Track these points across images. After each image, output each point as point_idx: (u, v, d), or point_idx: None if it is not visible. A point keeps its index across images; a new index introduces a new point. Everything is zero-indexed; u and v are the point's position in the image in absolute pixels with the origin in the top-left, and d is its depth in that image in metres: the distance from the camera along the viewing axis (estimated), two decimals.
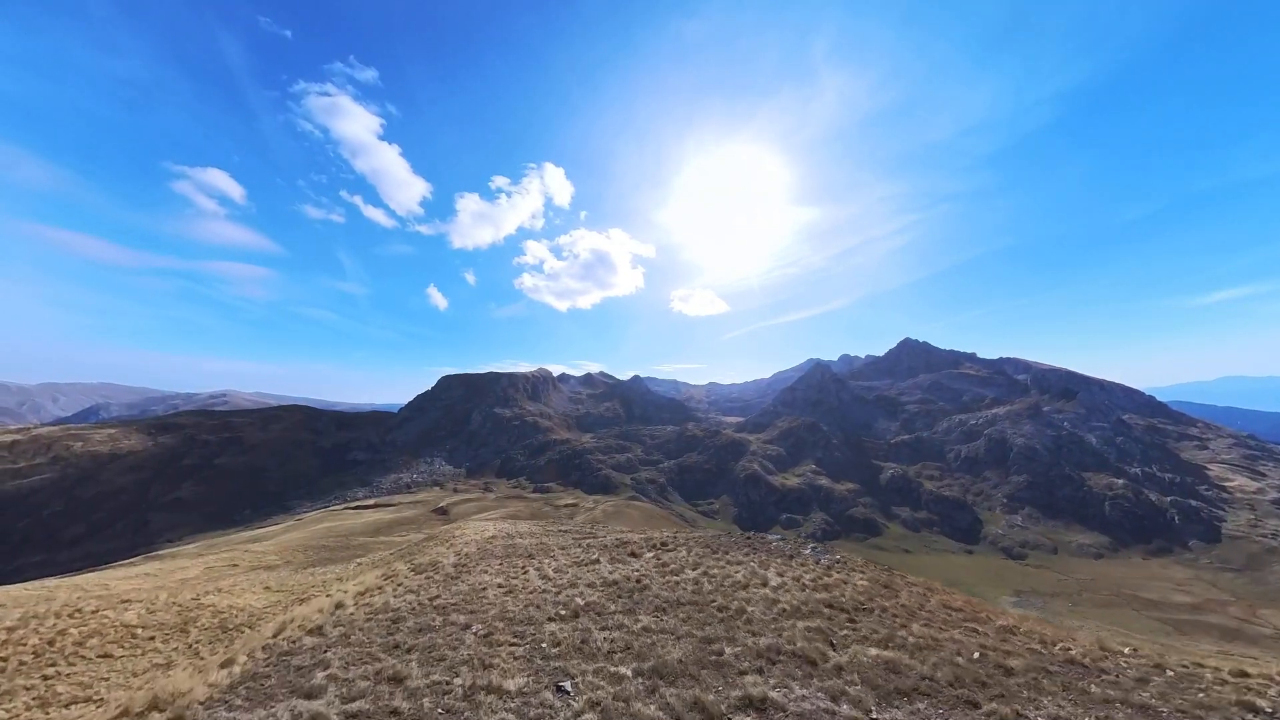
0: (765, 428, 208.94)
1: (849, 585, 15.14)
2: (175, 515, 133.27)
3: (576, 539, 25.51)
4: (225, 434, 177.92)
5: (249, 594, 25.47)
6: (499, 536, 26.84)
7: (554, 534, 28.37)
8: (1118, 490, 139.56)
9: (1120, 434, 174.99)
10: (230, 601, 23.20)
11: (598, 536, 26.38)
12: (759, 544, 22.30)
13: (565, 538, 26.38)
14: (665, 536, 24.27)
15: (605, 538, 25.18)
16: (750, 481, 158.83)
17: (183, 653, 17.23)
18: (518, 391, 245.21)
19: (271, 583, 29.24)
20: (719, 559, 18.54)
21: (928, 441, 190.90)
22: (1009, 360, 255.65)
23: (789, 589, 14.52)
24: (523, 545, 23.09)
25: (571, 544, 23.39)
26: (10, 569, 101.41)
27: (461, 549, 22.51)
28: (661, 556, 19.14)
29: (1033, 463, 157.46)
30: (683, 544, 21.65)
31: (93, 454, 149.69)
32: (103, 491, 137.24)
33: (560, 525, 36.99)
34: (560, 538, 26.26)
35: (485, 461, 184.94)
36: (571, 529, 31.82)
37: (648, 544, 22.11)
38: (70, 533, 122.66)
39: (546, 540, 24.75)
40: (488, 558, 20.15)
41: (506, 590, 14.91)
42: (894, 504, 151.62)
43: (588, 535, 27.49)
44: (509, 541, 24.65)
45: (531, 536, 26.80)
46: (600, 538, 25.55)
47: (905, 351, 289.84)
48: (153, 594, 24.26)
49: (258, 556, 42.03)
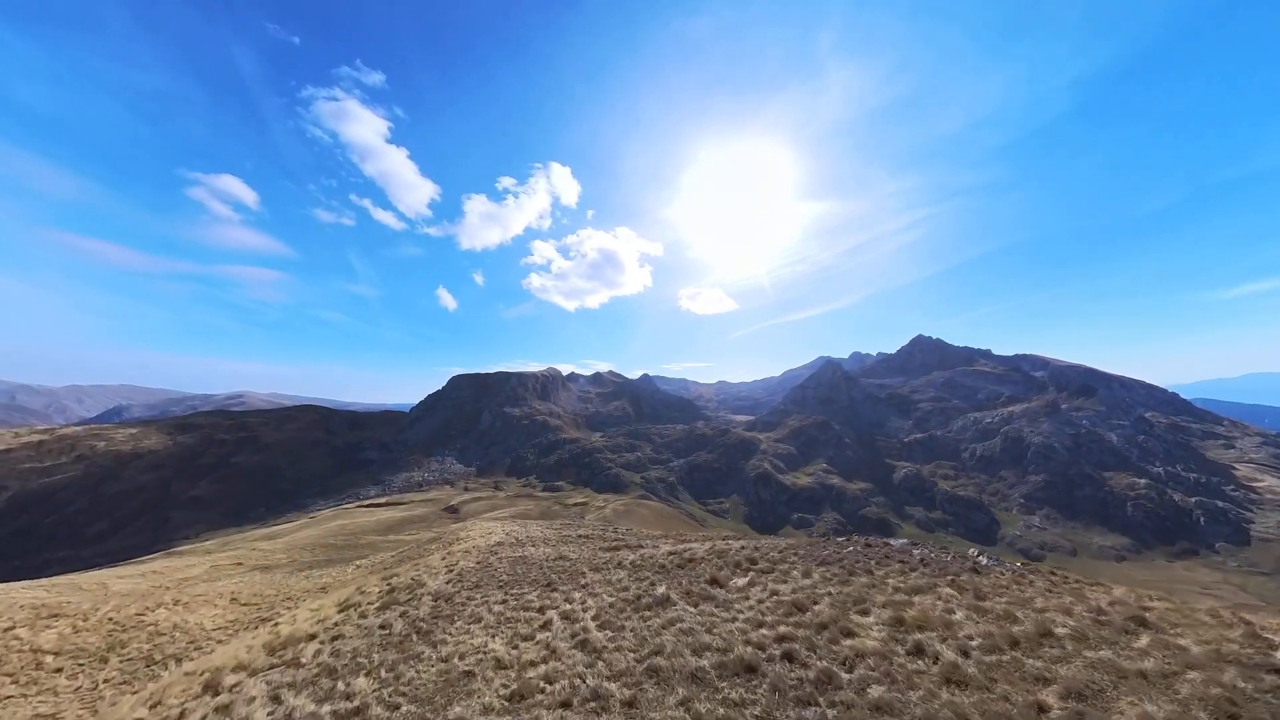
0: (776, 426, 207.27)
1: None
2: (194, 512, 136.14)
3: (607, 549, 20.16)
4: (241, 434, 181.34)
5: (210, 608, 22.53)
6: (506, 544, 22.98)
7: (573, 541, 23.64)
8: (1140, 490, 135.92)
9: (1142, 432, 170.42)
10: (180, 619, 20.34)
11: (637, 545, 20.73)
12: (897, 554, 14.58)
13: (589, 547, 21.14)
14: (748, 548, 17.01)
15: (653, 549, 18.77)
16: (761, 480, 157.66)
17: (81, 699, 14.12)
18: (527, 391, 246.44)
19: (244, 593, 26.53)
20: (865, 586, 11.20)
21: (942, 440, 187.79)
22: (1025, 357, 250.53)
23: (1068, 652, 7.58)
24: (536, 559, 18.21)
25: (605, 559, 17.40)
26: (38, 563, 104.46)
27: (458, 562, 18.71)
28: (772, 587, 11.68)
29: (1051, 462, 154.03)
30: (784, 560, 14.28)
31: (115, 453, 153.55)
32: (124, 489, 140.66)
33: (577, 527, 31.95)
34: (581, 546, 21.29)
35: (495, 460, 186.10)
36: (594, 533, 27.14)
37: (728, 560, 14.75)
38: (94, 529, 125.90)
39: (567, 551, 19.94)
40: (487, 584, 14.90)
41: (512, 679, 8.23)
42: (908, 504, 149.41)
43: (621, 542, 22.07)
44: (518, 552, 20.08)
45: (546, 544, 22.24)
46: (645, 548, 19.40)
47: (918, 348, 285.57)
48: (92, 608, 21.25)
49: (265, 554, 42.48)
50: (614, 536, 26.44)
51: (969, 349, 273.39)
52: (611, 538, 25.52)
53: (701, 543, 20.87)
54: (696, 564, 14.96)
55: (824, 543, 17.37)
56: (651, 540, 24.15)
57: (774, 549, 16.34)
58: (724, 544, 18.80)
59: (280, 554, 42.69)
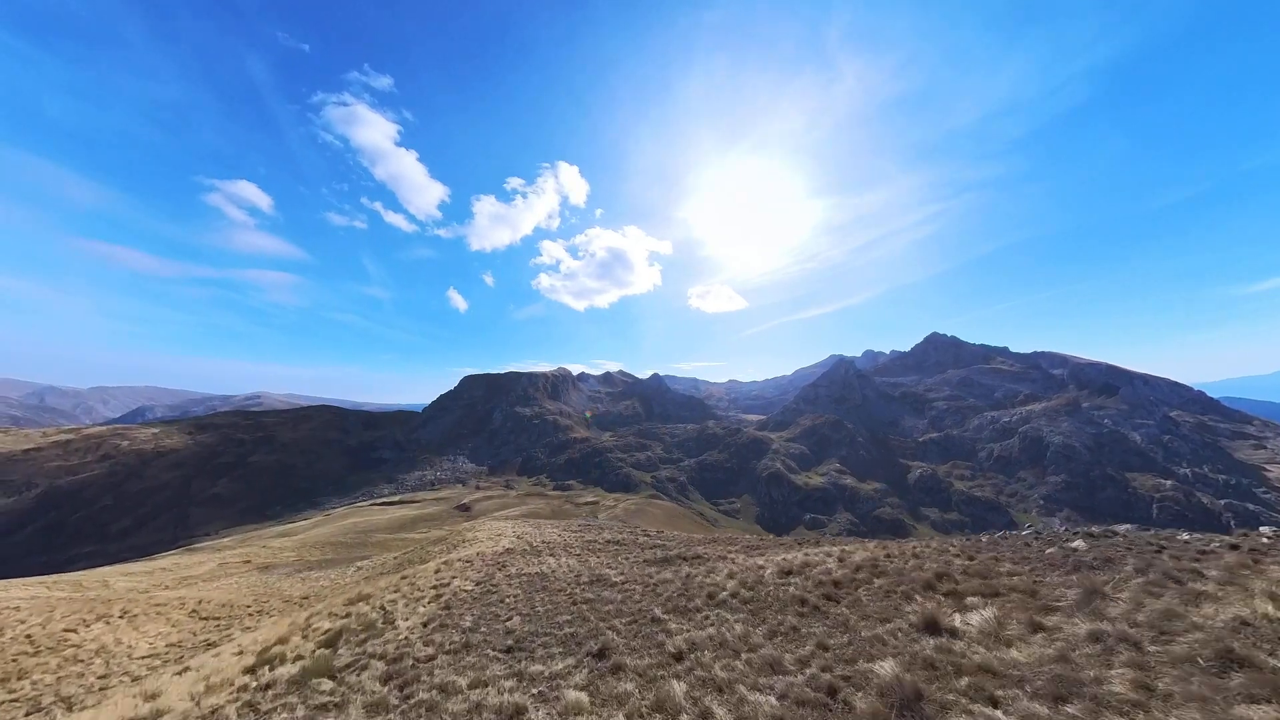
0: (787, 426, 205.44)
1: None
2: (213, 510, 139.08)
3: (656, 562, 15.62)
4: (259, 433, 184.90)
5: (160, 622, 20.23)
6: (517, 551, 19.26)
7: (601, 548, 19.35)
8: (1166, 492, 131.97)
9: (1167, 432, 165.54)
10: (115, 638, 17.55)
11: (694, 555, 16.11)
12: (1140, 545, 9.69)
13: (628, 558, 16.78)
14: (898, 556, 11.20)
15: (733, 562, 13.81)
16: (772, 480, 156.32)
17: None
18: (538, 391, 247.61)
19: (213, 602, 24.22)
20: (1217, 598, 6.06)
21: (958, 440, 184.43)
22: (1044, 354, 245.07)
23: None
24: (561, 580, 13.33)
25: (670, 583, 11.79)
26: (65, 559, 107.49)
27: (451, 580, 14.47)
28: (1070, 629, 5.75)
29: (1071, 462, 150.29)
30: (996, 572, 8.63)
31: (138, 452, 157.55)
32: (147, 487, 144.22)
33: (599, 529, 28.29)
34: (617, 556, 17.07)
35: (506, 459, 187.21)
36: (623, 537, 22.89)
37: (905, 579, 8.91)
38: (119, 525, 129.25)
39: (601, 565, 15.41)
40: (484, 638, 8.82)
41: None
42: (922, 504, 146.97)
43: (667, 550, 17.34)
44: (533, 565, 15.95)
45: (568, 553, 18.29)
46: (709, 559, 15.20)
47: (932, 346, 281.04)
48: (42, 620, 19.36)
49: (274, 552, 42.94)
50: (652, 541, 21.26)
51: (985, 346, 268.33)
52: (649, 543, 20.55)
53: (800, 550, 15.39)
54: (852, 590, 8.85)
55: (1001, 540, 12.39)
56: (706, 546, 18.57)
57: (941, 553, 10.78)
58: (848, 549, 13.22)
59: (290, 552, 43.11)
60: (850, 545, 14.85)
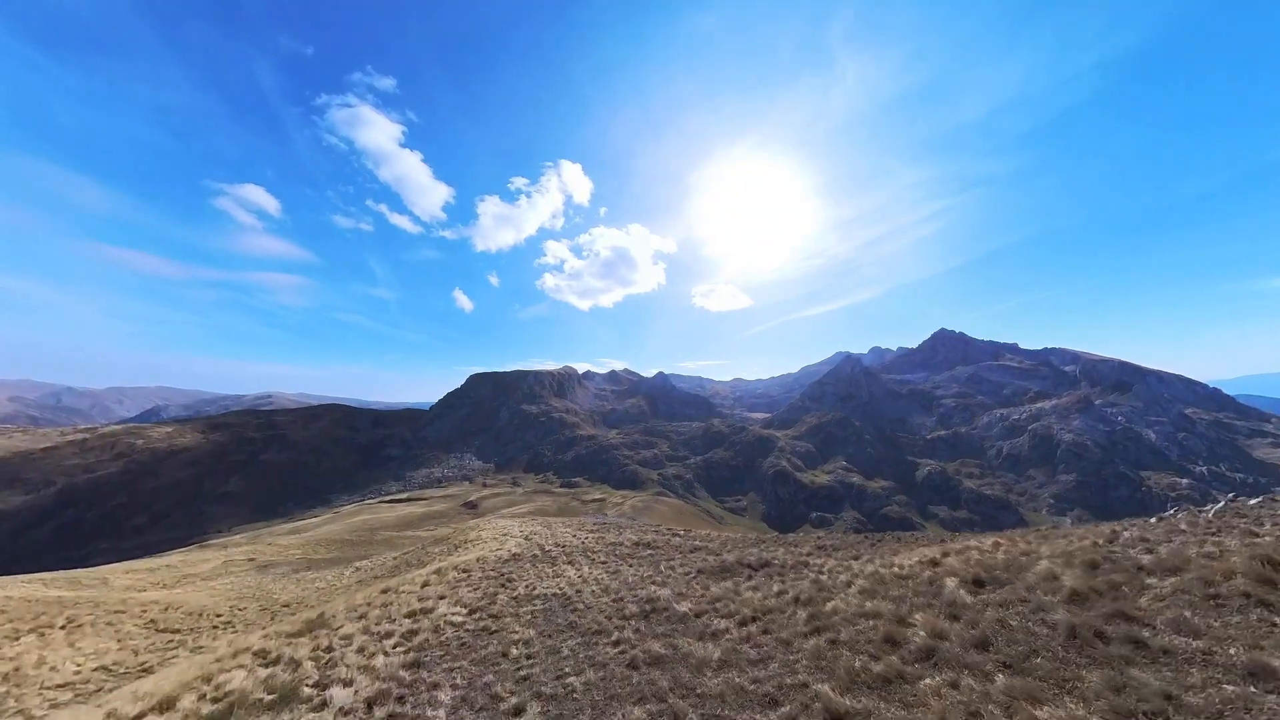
0: (793, 423, 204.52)
1: None
2: (226, 507, 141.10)
3: (719, 572, 11.95)
4: (270, 432, 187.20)
5: (106, 637, 17.68)
6: (525, 558, 15.99)
7: (629, 554, 15.75)
8: (1181, 491, 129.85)
9: (1183, 429, 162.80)
10: (40, 655, 14.92)
11: (761, 560, 12.63)
12: None
13: (676, 567, 13.06)
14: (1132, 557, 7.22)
15: (829, 575, 10.13)
16: (779, 478, 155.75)
17: None
18: (544, 389, 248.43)
19: (179, 609, 22.18)
20: None
21: (966, 437, 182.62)
22: (1054, 351, 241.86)
23: None
24: (595, 612, 9.35)
25: (782, 611, 7.85)
26: (82, 555, 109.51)
27: (435, 606, 10.70)
28: None
29: (1083, 460, 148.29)
30: None
31: (152, 450, 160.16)
32: (162, 485, 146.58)
33: (619, 528, 24.23)
34: (658, 565, 13.57)
35: (513, 457, 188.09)
36: (658, 539, 19.11)
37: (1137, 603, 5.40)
38: (134, 522, 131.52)
39: (645, 580, 11.72)
40: None
41: None
42: (931, 503, 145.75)
43: (724, 556, 13.62)
44: (547, 580, 12.44)
45: (590, 560, 15.20)
46: (783, 569, 11.64)
47: (940, 343, 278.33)
48: None
49: (280, 550, 43.36)
50: (689, 542, 16.78)
51: (994, 343, 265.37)
52: (687, 544, 16.37)
53: (916, 549, 11.56)
54: (1131, 601, 5.66)
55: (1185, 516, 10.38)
56: (763, 548, 14.90)
57: (1171, 535, 8.21)
58: (979, 544, 10.43)
59: (295, 550, 43.51)
60: (973, 539, 11.41)
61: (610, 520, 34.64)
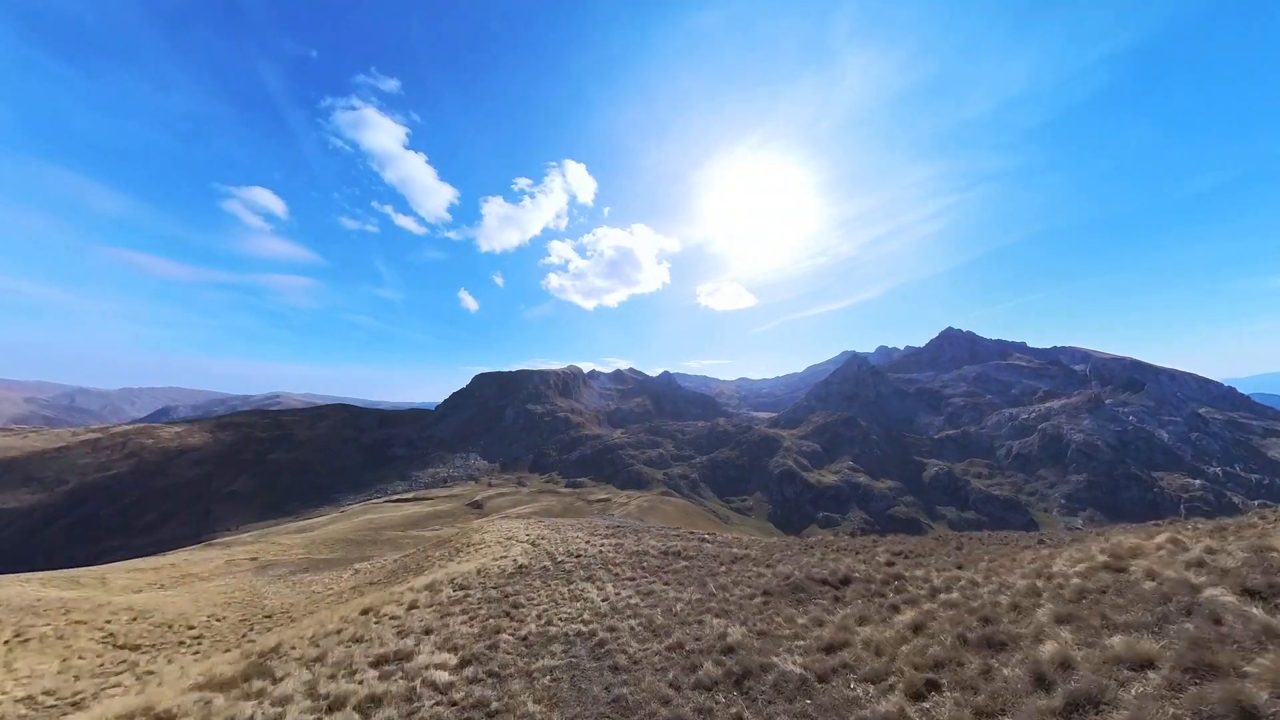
0: (799, 423, 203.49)
1: None
2: (234, 506, 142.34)
3: (795, 601, 8.23)
4: (277, 432, 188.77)
5: (42, 656, 15.98)
6: (534, 571, 13.75)
7: (661, 564, 13.25)
8: (1195, 492, 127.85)
9: (1196, 429, 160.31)
10: None
11: (844, 581, 9.45)
12: None
13: (722, 588, 10.15)
14: None
15: (923, 588, 8.24)
16: (785, 478, 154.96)
17: None
18: (549, 388, 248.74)
19: (146, 625, 20.33)
20: None
21: (975, 437, 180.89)
22: (1064, 349, 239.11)
23: None
24: (644, 670, 6.69)
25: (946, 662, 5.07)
26: (96, 551, 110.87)
27: (418, 650, 7.97)
28: None
29: (1093, 460, 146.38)
30: None
31: (163, 450, 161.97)
32: (171, 484, 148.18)
33: (637, 532, 21.98)
34: (706, 586, 10.58)
35: (518, 456, 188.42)
36: (681, 545, 16.53)
37: None
38: (144, 520, 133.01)
39: (686, 608, 8.65)
40: None
41: None
42: (939, 503, 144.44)
43: (786, 569, 10.93)
44: (565, 613, 9.27)
45: (610, 572, 12.82)
46: (870, 583, 9.20)
47: (948, 341, 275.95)
48: None
49: (284, 550, 43.45)
50: (728, 550, 13.82)
51: (1002, 342, 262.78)
52: (727, 553, 13.50)
53: (1073, 547, 9.12)
54: None
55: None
56: (835, 556, 12.17)
57: None
58: (1129, 540, 7.98)
59: (299, 549, 43.57)
60: (1121, 533, 8.97)
61: (623, 523, 31.30)
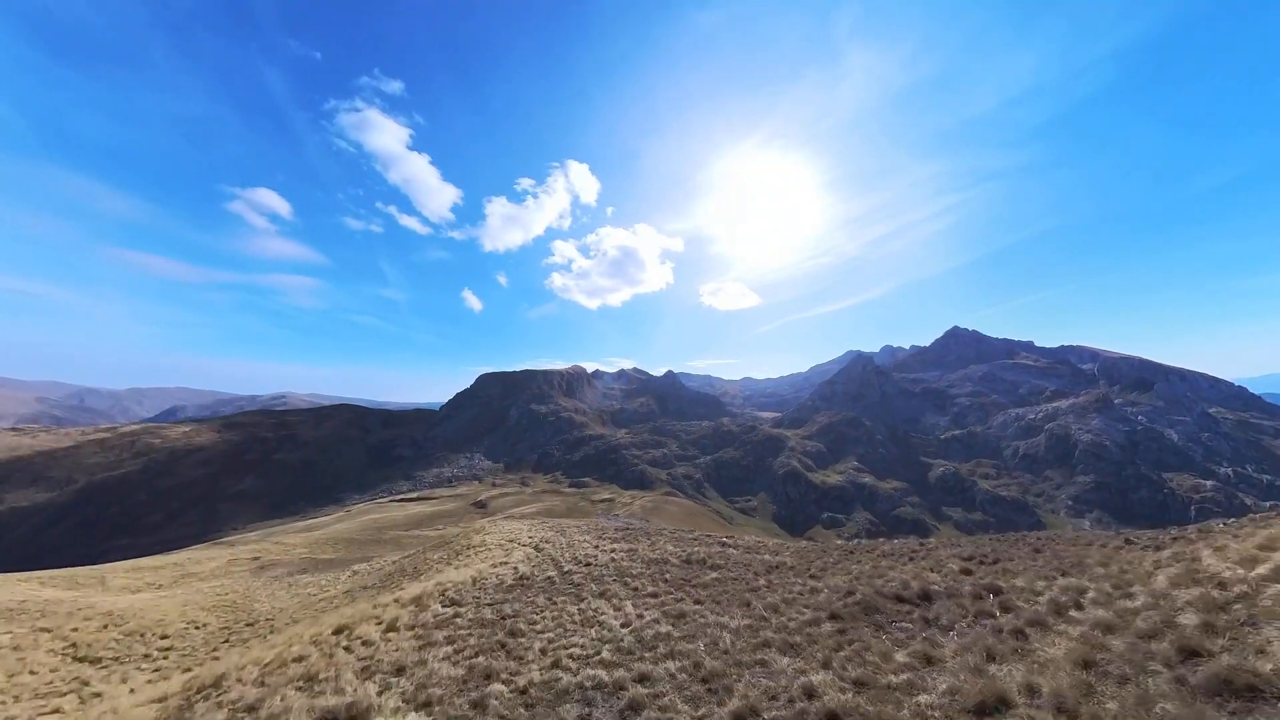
0: (804, 423, 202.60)
1: None
2: (240, 505, 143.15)
3: (883, 632, 6.38)
4: (283, 432, 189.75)
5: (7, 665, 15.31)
6: (535, 582, 12.97)
7: (685, 576, 12.18)
8: (1206, 493, 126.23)
9: (1206, 429, 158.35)
10: None
11: (920, 596, 8.61)
12: None
13: (772, 610, 8.85)
14: None
15: None
16: (790, 478, 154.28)
17: None
18: (553, 388, 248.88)
19: (114, 634, 19.34)
20: None
21: (981, 437, 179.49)
22: (1071, 349, 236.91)
23: None
24: None
25: None
26: (101, 550, 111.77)
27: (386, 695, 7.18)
28: None
29: (1102, 461, 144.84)
30: None
31: (170, 449, 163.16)
32: (178, 483, 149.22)
33: (649, 536, 20.57)
34: (738, 604, 9.57)
35: (522, 456, 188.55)
36: (703, 550, 15.65)
37: None
38: (152, 519, 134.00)
39: (735, 641, 6.91)
40: None
41: None
42: (945, 504, 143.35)
43: (842, 584, 9.92)
44: (579, 651, 7.77)
45: (628, 586, 11.64)
46: (958, 598, 8.23)
47: (953, 341, 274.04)
48: None
49: (286, 549, 43.42)
50: (761, 557, 12.11)
51: (1009, 341, 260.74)
52: (760, 559, 11.94)
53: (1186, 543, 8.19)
54: None
55: None
56: (895, 565, 10.65)
57: None
58: None
59: (301, 549, 43.54)
60: None
61: (632, 525, 29.29)
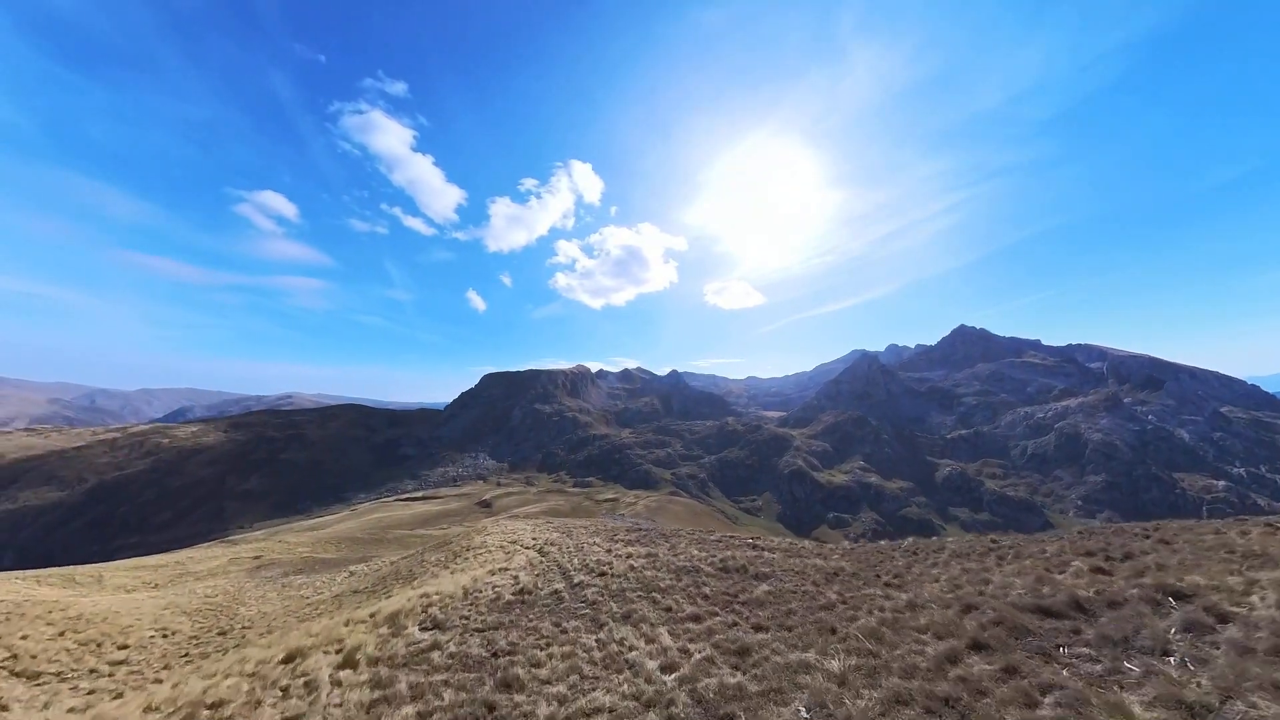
0: (809, 422, 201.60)
1: None
2: (247, 504, 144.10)
3: None
4: (289, 431, 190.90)
5: None
6: (538, 597, 11.70)
7: (724, 589, 11.04)
8: (1218, 493, 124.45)
9: (1218, 429, 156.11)
10: None
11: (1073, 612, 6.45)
12: None
13: (874, 651, 6.41)
14: None
15: None
16: (795, 478, 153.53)
17: None
18: (557, 388, 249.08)
19: (74, 639, 17.27)
20: None
21: (988, 436, 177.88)
22: (1080, 347, 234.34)
23: None
24: None
25: None
26: (111, 548, 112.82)
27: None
28: None
29: (1112, 461, 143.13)
30: None
31: (178, 449, 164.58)
32: (186, 482, 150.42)
33: (667, 539, 19.15)
34: (807, 628, 8.03)
35: (527, 456, 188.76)
36: (740, 554, 14.90)
37: None
38: (160, 518, 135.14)
39: (846, 712, 4.93)
40: None
41: None
42: (952, 504, 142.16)
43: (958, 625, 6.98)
44: None
45: (656, 605, 10.24)
46: None
47: (960, 339, 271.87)
48: None
49: (288, 548, 43.45)
50: (816, 563, 11.98)
51: (1016, 339, 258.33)
52: (813, 565, 11.68)
53: None
54: None
55: None
56: (1038, 564, 9.73)
57: None
58: None
59: (303, 548, 43.57)
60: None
61: (643, 525, 27.18)
